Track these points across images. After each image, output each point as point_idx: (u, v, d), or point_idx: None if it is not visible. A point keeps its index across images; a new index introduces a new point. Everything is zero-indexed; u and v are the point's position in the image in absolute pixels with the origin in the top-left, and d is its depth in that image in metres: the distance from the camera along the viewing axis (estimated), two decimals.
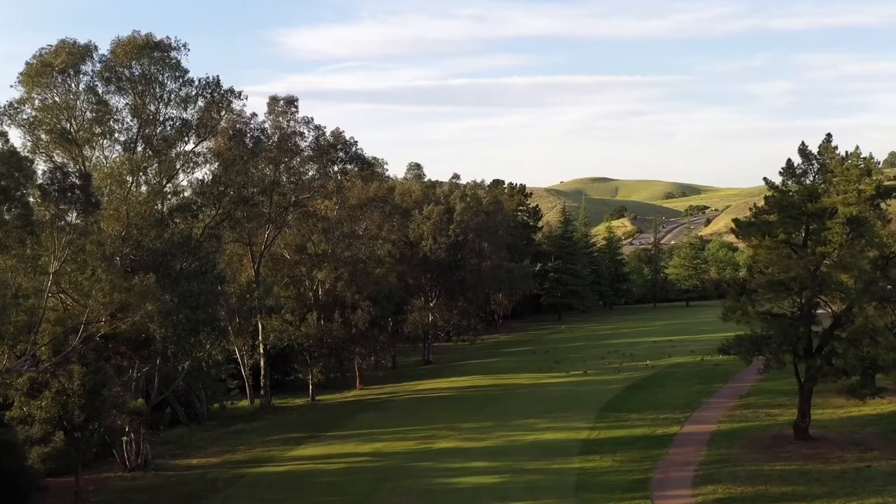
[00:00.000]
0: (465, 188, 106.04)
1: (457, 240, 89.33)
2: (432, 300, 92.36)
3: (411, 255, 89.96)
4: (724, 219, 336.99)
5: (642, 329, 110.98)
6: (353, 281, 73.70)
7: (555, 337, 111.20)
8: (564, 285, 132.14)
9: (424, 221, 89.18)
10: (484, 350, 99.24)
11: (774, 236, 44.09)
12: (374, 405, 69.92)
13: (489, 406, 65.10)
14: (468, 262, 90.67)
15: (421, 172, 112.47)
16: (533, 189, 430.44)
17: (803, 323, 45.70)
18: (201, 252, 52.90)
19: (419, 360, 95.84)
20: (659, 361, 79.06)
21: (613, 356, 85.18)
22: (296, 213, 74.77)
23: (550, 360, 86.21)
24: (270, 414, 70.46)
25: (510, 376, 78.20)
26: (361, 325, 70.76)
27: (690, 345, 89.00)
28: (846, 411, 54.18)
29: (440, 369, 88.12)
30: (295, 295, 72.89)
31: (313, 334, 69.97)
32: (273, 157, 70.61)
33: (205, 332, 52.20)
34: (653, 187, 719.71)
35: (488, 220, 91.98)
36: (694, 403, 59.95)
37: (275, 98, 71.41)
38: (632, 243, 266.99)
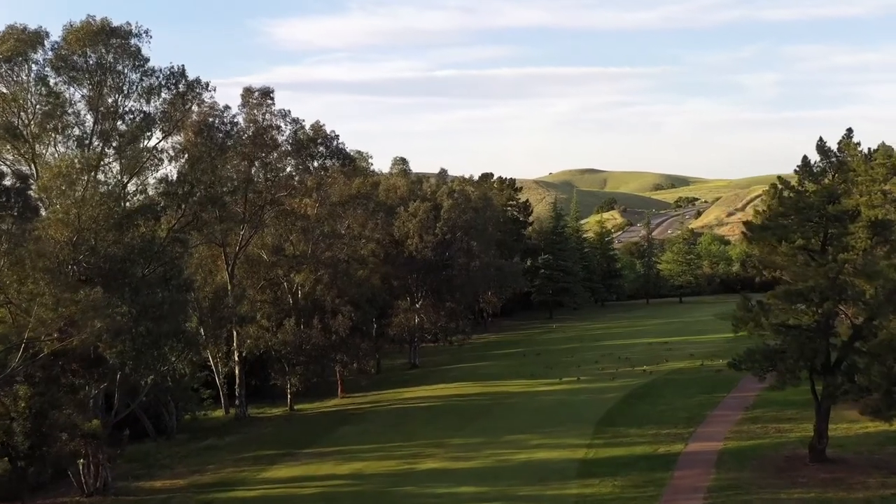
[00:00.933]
0: (453, 184, 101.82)
1: (444, 238, 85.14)
2: (418, 301, 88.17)
3: (396, 255, 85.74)
4: (714, 211, 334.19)
5: (636, 329, 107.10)
6: (333, 284, 69.47)
7: (546, 337, 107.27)
8: (556, 282, 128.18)
9: (410, 219, 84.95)
10: (473, 352, 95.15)
11: (791, 241, 40.03)
12: (355, 417, 65.74)
13: (478, 419, 61.02)
14: (456, 261, 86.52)
15: (406, 167, 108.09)
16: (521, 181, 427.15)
17: (821, 335, 41.76)
18: (165, 257, 48.51)
19: (405, 362, 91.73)
20: (656, 367, 75.10)
21: (608, 360, 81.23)
22: (273, 211, 70.44)
23: (542, 364, 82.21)
24: (245, 426, 66.26)
25: (500, 383, 74.18)
26: (342, 332, 66.52)
27: (688, 347, 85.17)
28: (862, 426, 50.26)
29: (426, 374, 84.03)
30: (272, 299, 68.61)
31: (291, 341, 65.72)
32: (247, 153, 66.23)
33: (169, 345, 47.84)
34: (641, 179, 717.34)
35: (477, 218, 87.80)
36: (697, 416, 55.98)
37: (249, 89, 67.05)
38: (621, 239, 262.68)
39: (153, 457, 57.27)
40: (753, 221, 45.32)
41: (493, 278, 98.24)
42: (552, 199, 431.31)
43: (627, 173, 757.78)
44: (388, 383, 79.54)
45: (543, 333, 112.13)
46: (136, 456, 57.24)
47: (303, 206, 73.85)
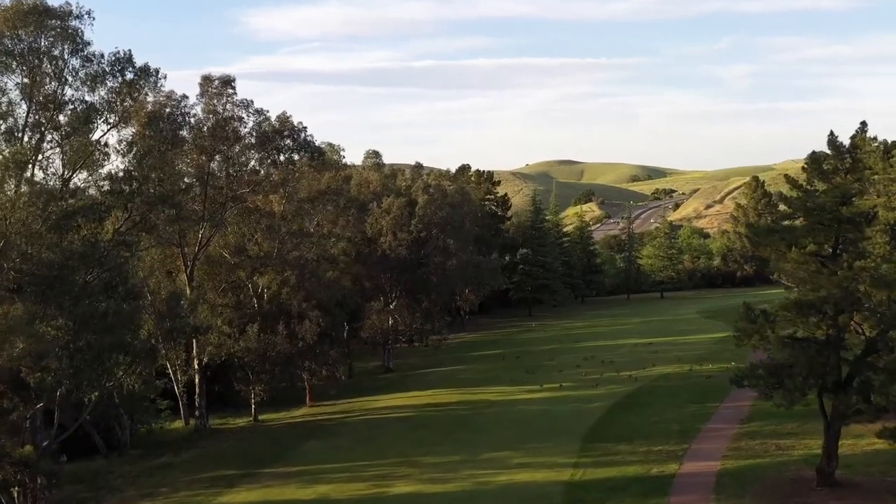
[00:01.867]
0: (429, 178, 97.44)
1: (419, 236, 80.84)
2: (392, 302, 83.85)
3: (369, 254, 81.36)
4: (692, 203, 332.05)
5: (618, 328, 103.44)
6: (300, 286, 64.96)
7: (525, 337, 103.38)
8: (535, 279, 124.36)
9: (383, 216, 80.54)
10: (450, 353, 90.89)
11: (802, 247, 36.08)
12: (323, 430, 61.36)
13: (455, 432, 56.86)
14: (432, 260, 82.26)
15: (380, 160, 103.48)
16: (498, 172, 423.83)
17: (832, 349, 37.93)
18: (110, 262, 43.86)
19: (379, 365, 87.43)
20: (642, 372, 71.31)
21: (591, 364, 77.36)
22: (235, 209, 65.79)
23: (522, 368, 78.24)
24: (205, 439, 61.71)
25: (478, 390, 70.09)
26: (309, 339, 62.02)
27: (674, 349, 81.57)
28: (869, 442, 46.53)
29: (401, 379, 79.77)
30: (234, 303, 63.97)
31: (254, 348, 61.21)
32: (207, 146, 61.52)
33: (114, 360, 43.23)
34: (618, 170, 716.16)
35: (454, 214, 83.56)
36: (690, 430, 52.13)
37: (208, 77, 62.26)
38: (599, 231, 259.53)
39: (102, 477, 52.66)
40: (757, 223, 41.22)
41: (470, 276, 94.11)
42: (529, 191, 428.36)
43: (604, 164, 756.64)
44: (360, 390, 75.18)
45: (522, 332, 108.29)
46: (84, 475, 52.66)
47: (268, 202, 69.29)
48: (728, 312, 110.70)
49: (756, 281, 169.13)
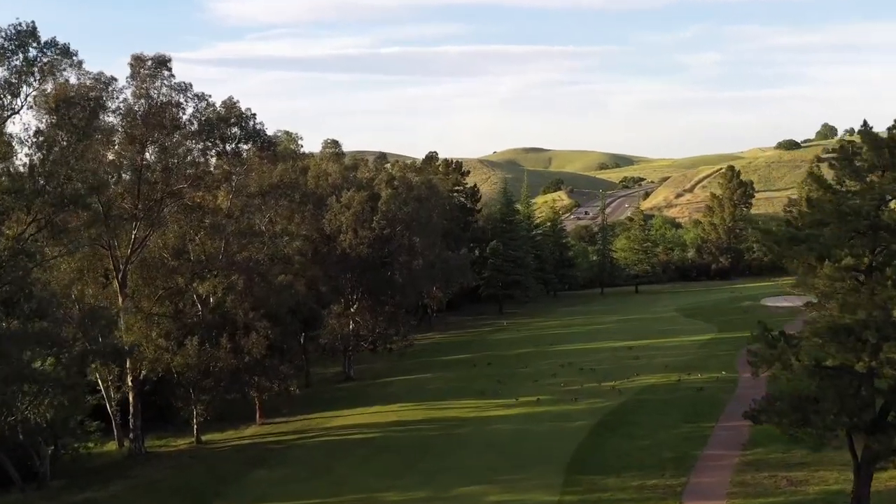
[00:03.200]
0: (394, 169, 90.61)
1: (382, 233, 74.11)
2: (354, 304, 77.11)
3: (327, 253, 74.56)
4: (663, 192, 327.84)
5: (595, 328, 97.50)
6: (248, 292, 58.02)
7: (496, 338, 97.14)
8: (506, 274, 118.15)
9: (343, 211, 73.70)
10: (416, 358, 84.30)
11: (836, 259, 30.05)
12: (273, 455, 54.60)
13: (421, 459, 50.47)
14: (396, 259, 75.62)
15: (339, 150, 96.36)
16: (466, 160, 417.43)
17: (868, 382, 32.05)
18: (8, 275, 36.74)
19: (339, 372, 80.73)
20: (626, 382, 65.36)
21: (568, 372, 71.35)
22: (174, 205, 58.64)
23: (494, 377, 72.04)
24: (139, 466, 54.69)
25: (447, 404, 63.77)
26: (256, 353, 55.13)
27: (657, 355, 75.80)
28: (891, 475, 41.12)
29: (363, 389, 73.17)
30: (172, 312, 56.82)
31: (194, 364, 54.23)
32: (138, 135, 54.26)
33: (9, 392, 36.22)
34: (586, 158, 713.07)
35: (420, 209, 76.92)
36: (686, 458, 46.21)
37: (139, 57, 54.77)
38: (570, 219, 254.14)
39: None
40: (776, 230, 35.06)
41: (438, 275, 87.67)
42: (498, 179, 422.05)
43: (572, 152, 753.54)
44: (317, 403, 68.44)
45: (493, 333, 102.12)
46: None
47: (213, 198, 62.21)
48: (707, 310, 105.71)
49: (731, 273, 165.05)
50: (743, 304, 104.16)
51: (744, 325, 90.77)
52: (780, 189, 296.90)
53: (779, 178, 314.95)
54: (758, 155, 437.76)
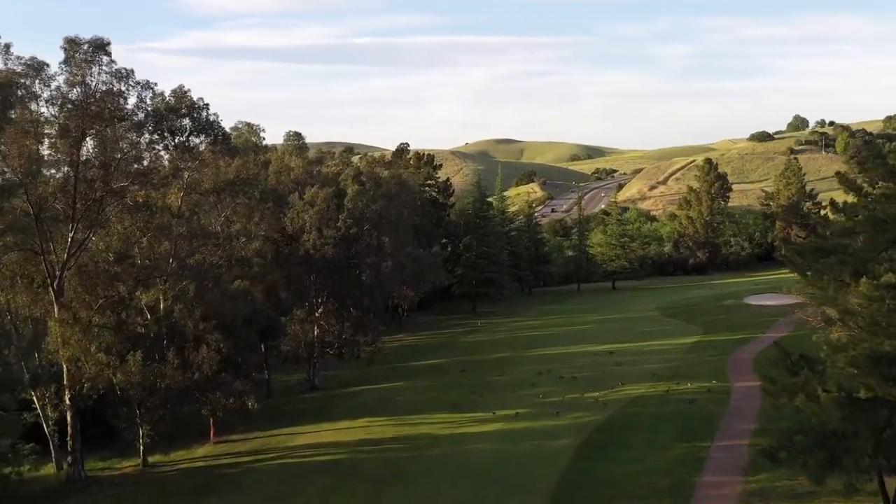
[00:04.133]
0: (362, 163, 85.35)
1: (348, 233, 69.03)
2: (318, 308, 71.99)
3: (290, 254, 69.38)
4: (636, 184, 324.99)
5: (573, 329, 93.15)
6: (199, 300, 52.69)
7: (470, 340, 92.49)
8: (480, 272, 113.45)
9: (306, 209, 68.50)
10: (385, 364, 79.30)
11: (875, 276, 25.65)
12: (226, 481, 49.49)
13: (390, 487, 45.63)
14: (364, 260, 70.58)
15: (302, 143, 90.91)
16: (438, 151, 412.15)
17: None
18: None
19: (304, 379, 75.60)
20: (610, 393, 60.92)
21: (548, 381, 66.86)
22: (117, 205, 53.17)
23: (469, 386, 67.37)
24: (77, 494, 49.49)
25: (419, 419, 58.95)
26: (207, 369, 49.83)
27: (641, 360, 71.55)
28: None
29: (328, 400, 68.09)
30: (115, 323, 51.34)
31: (138, 382, 48.91)
32: (72, 127, 48.71)
33: None
34: (558, 149, 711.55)
35: (390, 207, 71.89)
36: (683, 486, 41.83)
37: (74, 41, 49.02)
38: (543, 214, 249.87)
39: None
40: (795, 238, 30.60)
41: (409, 275, 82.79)
42: (470, 171, 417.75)
43: (544, 143, 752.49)
44: (279, 417, 63.32)
45: (467, 334, 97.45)
46: None
47: (161, 196, 56.78)
48: (689, 309, 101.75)
49: (708, 269, 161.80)
50: (725, 303, 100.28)
51: (729, 326, 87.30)
52: (754, 181, 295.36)
53: (752, 171, 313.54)
54: (729, 146, 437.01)
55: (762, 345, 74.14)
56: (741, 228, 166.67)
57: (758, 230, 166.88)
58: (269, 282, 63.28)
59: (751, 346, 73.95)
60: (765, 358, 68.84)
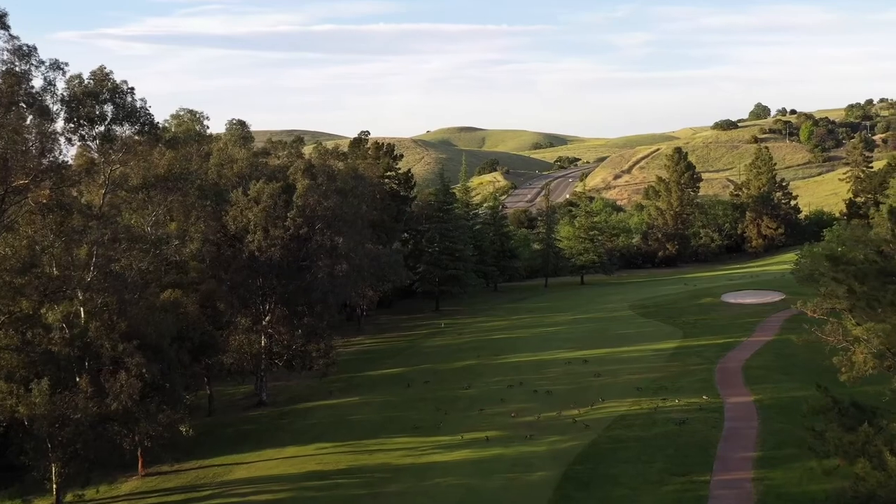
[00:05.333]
0: (314, 154, 78.08)
1: (298, 233, 61.96)
2: (266, 316, 64.96)
3: (232, 257, 62.19)
4: (600, 173, 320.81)
5: (543, 331, 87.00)
6: (121, 315, 45.43)
7: (434, 344, 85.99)
8: (443, 269, 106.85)
9: (250, 206, 61.32)
10: (341, 373, 72.08)
11: None
12: None
13: None
14: (316, 263, 63.58)
15: (247, 133, 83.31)
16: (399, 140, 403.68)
17: None
18: None
19: (251, 393, 68.59)
20: (591, 413, 54.76)
21: (519, 395, 60.72)
22: (20, 206, 45.65)
23: (432, 402, 60.96)
24: None
25: (376, 444, 52.36)
26: (126, 399, 42.58)
27: (620, 370, 65.63)
28: None
29: (276, 420, 61.14)
30: (19, 344, 43.91)
31: (43, 413, 41.57)
32: None
33: None
34: (520, 137, 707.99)
35: (344, 203, 64.90)
36: None
37: None
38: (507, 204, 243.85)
39: None
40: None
41: (367, 276, 75.92)
42: (431, 160, 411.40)
43: (506, 131, 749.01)
44: (219, 442, 56.28)
45: (430, 336, 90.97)
46: None
47: (78, 194, 49.34)
48: (664, 308, 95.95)
49: (678, 261, 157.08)
50: (703, 302, 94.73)
51: (710, 328, 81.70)
52: (720, 170, 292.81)
53: (717, 159, 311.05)
54: (691, 135, 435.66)
55: (749, 350, 68.84)
56: (710, 219, 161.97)
57: (727, 221, 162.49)
58: (205, 291, 55.98)
59: (737, 352, 68.51)
60: (755, 367, 63.87)
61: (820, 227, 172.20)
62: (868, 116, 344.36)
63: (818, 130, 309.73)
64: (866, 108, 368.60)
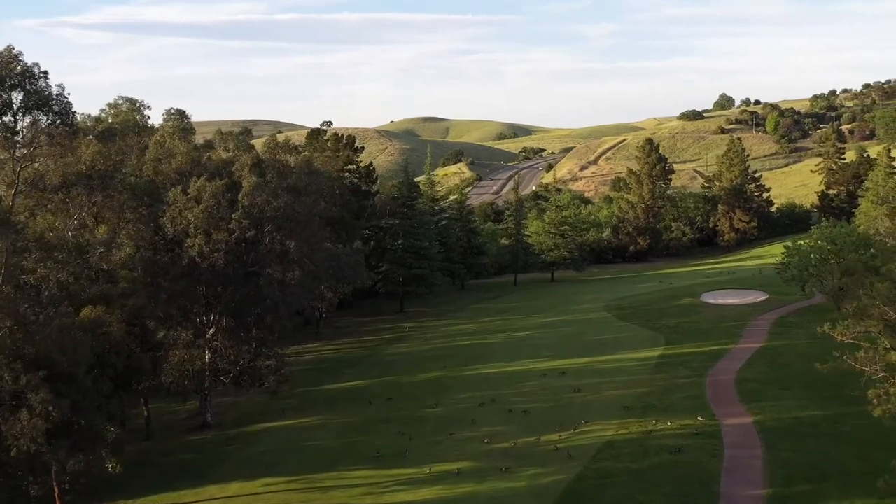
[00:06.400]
0: (262, 149, 71.22)
1: (245, 236, 55.27)
2: (210, 328, 58.23)
3: (170, 263, 55.34)
4: (567, 164, 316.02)
5: (516, 337, 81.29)
6: (26, 341, 38.57)
7: (398, 351, 79.85)
8: (408, 268, 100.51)
9: (190, 206, 54.50)
10: (296, 387, 65.48)
11: None
12: None
13: None
14: (265, 270, 56.96)
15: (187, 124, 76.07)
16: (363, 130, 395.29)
17: None
18: None
19: (194, 412, 61.77)
20: (574, 438, 49.00)
21: (493, 414, 54.87)
22: None
23: (396, 421, 54.97)
24: None
25: (331, 480, 46.11)
26: (27, 443, 35.80)
27: (602, 384, 60.13)
28: None
29: (219, 448, 54.39)
30: None
31: None
32: None
33: None
34: (484, 127, 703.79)
35: (297, 203, 58.30)
36: None
37: None
38: (473, 193, 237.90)
39: None
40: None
41: (325, 282, 69.54)
42: (395, 150, 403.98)
43: (470, 122, 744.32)
44: (153, 476, 49.61)
45: (394, 341, 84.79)
46: None
47: None
48: (642, 309, 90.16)
49: (649, 255, 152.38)
50: (682, 302, 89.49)
51: (694, 333, 76.09)
52: (687, 161, 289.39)
53: (684, 150, 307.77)
54: (655, 125, 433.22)
55: (738, 360, 63.66)
56: (681, 212, 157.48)
57: (699, 214, 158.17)
58: (133, 306, 49.03)
59: (727, 361, 63.34)
60: (748, 380, 58.58)
61: (792, 220, 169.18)
62: (833, 107, 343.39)
63: (784, 121, 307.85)
64: (830, 98, 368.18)
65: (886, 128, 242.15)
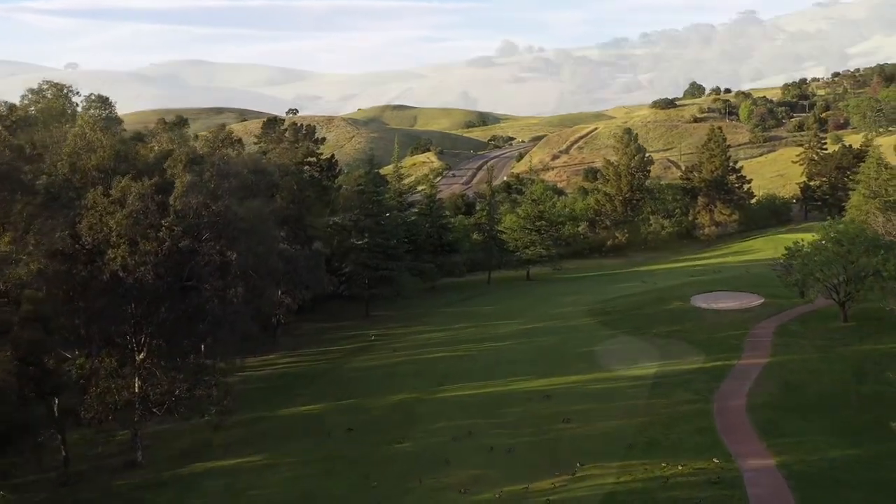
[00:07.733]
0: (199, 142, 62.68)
1: (178, 245, 46.86)
2: (140, 353, 49.79)
3: (88, 278, 46.86)
4: (538, 153, 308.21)
5: (490, 347, 73.49)
6: None
7: (361, 365, 71.77)
8: (373, 269, 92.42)
9: (113, 211, 45.96)
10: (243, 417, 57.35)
11: None
12: None
13: None
14: (203, 286, 48.65)
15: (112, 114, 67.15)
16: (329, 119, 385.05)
17: None
18: None
19: (125, 445, 53.28)
20: (570, 487, 41.25)
21: (471, 454, 47.10)
22: None
23: (357, 461, 47.05)
24: None
25: None
26: None
27: (593, 411, 52.64)
28: None
29: (151, 496, 46.19)
30: None
31: None
32: None
33: None
34: (452, 115, 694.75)
35: (242, 205, 50.01)
36: None
37: None
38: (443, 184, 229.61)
39: None
40: None
41: (280, 279, 61.24)
42: (363, 139, 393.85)
43: (438, 110, 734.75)
44: None
45: (357, 353, 76.76)
46: None
47: None
48: (627, 314, 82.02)
49: (627, 250, 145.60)
50: (671, 307, 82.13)
51: (688, 345, 67.91)
52: (659, 150, 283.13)
53: (656, 139, 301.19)
54: (624, 114, 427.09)
55: (745, 380, 56.41)
56: (660, 205, 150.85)
57: (678, 207, 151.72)
58: (25, 339, 40.46)
59: (732, 382, 56.13)
60: (761, 405, 51.25)
61: (773, 212, 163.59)
62: (805, 96, 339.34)
63: (758, 110, 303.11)
64: (802, 87, 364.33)
65: (862, 116, 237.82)
